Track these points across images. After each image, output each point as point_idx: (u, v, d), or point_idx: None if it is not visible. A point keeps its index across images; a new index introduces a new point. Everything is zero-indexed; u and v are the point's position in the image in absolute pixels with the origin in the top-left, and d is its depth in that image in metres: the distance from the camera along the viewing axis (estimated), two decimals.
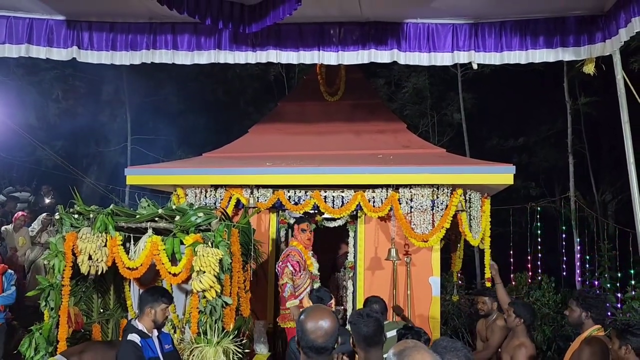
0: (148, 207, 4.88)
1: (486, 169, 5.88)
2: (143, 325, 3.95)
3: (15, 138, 10.96)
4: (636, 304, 7.20)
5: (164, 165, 7.01)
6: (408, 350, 1.92)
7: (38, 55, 4.78)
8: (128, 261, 4.65)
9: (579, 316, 3.87)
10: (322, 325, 2.30)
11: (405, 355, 1.90)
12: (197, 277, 4.43)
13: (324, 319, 2.32)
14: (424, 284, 6.07)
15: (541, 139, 13.87)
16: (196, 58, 4.72)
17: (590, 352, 3.53)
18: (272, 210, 6.33)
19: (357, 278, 6.14)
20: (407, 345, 1.95)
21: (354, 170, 5.90)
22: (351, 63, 4.68)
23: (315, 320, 2.31)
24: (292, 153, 6.62)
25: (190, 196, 6.31)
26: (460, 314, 9.04)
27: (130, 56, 4.73)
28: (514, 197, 13.00)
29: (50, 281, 4.75)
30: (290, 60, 4.72)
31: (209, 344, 4.26)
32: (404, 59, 4.57)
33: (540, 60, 4.50)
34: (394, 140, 6.84)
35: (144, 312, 3.98)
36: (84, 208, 4.88)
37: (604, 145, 14.43)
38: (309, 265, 5.72)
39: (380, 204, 5.95)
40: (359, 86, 7.29)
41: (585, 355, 3.53)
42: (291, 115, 7.18)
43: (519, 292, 9.10)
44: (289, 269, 5.57)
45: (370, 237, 6.19)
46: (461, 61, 4.55)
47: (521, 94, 14.05)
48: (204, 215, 4.63)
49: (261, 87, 16.19)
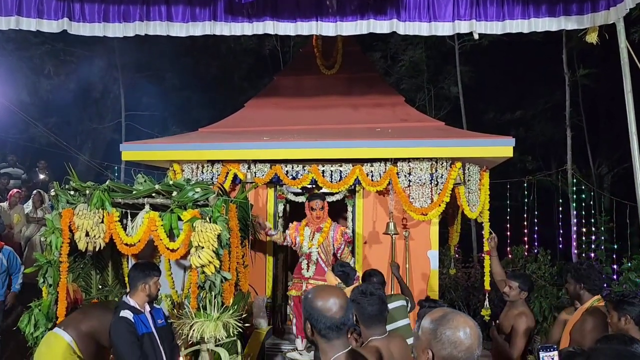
0: (145, 182, 4.83)
1: (486, 141, 5.84)
2: (135, 301, 3.92)
3: (7, 115, 10.80)
4: (632, 275, 7.24)
5: (160, 141, 6.93)
6: (450, 315, 1.89)
7: (28, 27, 4.63)
8: (126, 237, 4.62)
9: (575, 289, 3.88)
10: (335, 301, 2.23)
11: (449, 320, 1.87)
12: (195, 253, 4.41)
13: (334, 295, 2.26)
14: (423, 257, 6.08)
15: (538, 112, 13.81)
16: (191, 30, 4.60)
17: (593, 323, 3.51)
18: (270, 185, 6.28)
19: (356, 252, 6.13)
20: (446, 311, 1.92)
21: (352, 144, 5.84)
22: (350, 34, 4.57)
23: (326, 299, 2.24)
24: (289, 127, 6.55)
25: (187, 172, 6.25)
26: (457, 287, 9.11)
27: (124, 28, 4.60)
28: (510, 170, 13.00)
29: (48, 258, 4.72)
30: (288, 31, 4.61)
31: (208, 318, 4.26)
32: (404, 29, 4.47)
33: (542, 29, 4.40)
34: (392, 114, 6.77)
35: (137, 288, 3.93)
36: (79, 184, 4.82)
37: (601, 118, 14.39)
38: (300, 241, 5.70)
39: (378, 178, 5.91)
40: (356, 59, 7.19)
41: (589, 326, 3.51)
42: (288, 89, 7.09)
43: (515, 265, 9.16)
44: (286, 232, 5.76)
45: (368, 212, 6.17)
46: (462, 31, 4.45)
47: (519, 67, 13.93)
48: (202, 191, 4.58)
49: (256, 62, 15.98)
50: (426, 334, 1.90)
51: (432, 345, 1.88)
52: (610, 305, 3.37)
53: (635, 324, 3.23)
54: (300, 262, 5.70)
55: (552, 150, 14.14)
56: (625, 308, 3.25)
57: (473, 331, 1.86)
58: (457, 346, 1.83)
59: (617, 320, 3.28)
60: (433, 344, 1.87)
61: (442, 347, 1.85)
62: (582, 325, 3.59)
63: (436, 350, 1.86)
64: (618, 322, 3.28)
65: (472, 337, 1.85)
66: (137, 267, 4.05)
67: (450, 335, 1.84)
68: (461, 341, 1.83)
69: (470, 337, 1.84)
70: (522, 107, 13.81)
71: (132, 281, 3.96)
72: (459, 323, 1.86)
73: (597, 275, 3.89)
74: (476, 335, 1.86)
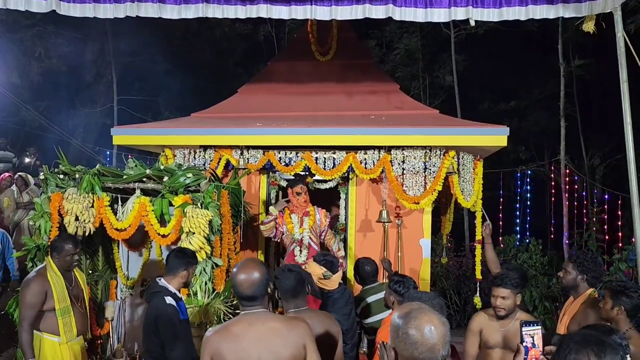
0: (135, 167, 4.78)
1: (480, 130, 5.81)
2: (173, 287, 3.68)
3: None
4: (623, 266, 7.29)
5: (151, 125, 6.85)
6: (414, 312, 1.84)
7: (16, 6, 4.52)
8: (116, 222, 4.58)
9: (574, 279, 3.80)
10: (249, 277, 2.62)
11: (412, 318, 1.82)
12: (186, 239, 4.38)
13: (252, 271, 2.65)
14: (415, 246, 6.07)
15: (533, 102, 13.82)
16: (183, 12, 4.51)
17: (596, 316, 3.44)
18: (263, 171, 6.24)
19: (348, 240, 6.12)
20: (412, 307, 1.87)
21: (346, 131, 5.79)
22: (345, 18, 4.49)
23: (243, 273, 2.64)
24: (283, 114, 6.49)
25: (179, 157, 6.19)
26: (448, 275, 9.15)
27: (114, 9, 4.50)
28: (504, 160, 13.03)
29: (37, 242, 4.68)
30: (282, 15, 4.52)
31: (199, 305, 4.24)
32: (400, 15, 4.40)
33: (540, 16, 4.35)
34: (386, 101, 6.72)
35: (177, 274, 3.69)
36: (69, 168, 4.77)
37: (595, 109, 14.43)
38: (289, 229, 5.67)
39: (372, 165, 5.88)
40: (351, 46, 7.11)
41: (592, 319, 3.44)
42: (281, 75, 7.01)
43: (507, 255, 9.21)
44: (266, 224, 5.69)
45: (361, 199, 6.15)
46: (458, 18, 4.39)
47: (514, 57, 13.91)
48: (193, 176, 4.55)
49: (250, 48, 15.85)
50: (391, 331, 1.86)
51: (395, 344, 1.84)
52: (608, 292, 3.34)
53: (627, 316, 3.22)
54: (292, 249, 5.67)
55: (546, 141, 14.17)
56: (623, 299, 3.23)
57: (438, 330, 1.79)
58: (418, 347, 1.77)
59: (610, 308, 3.27)
60: (396, 343, 1.83)
61: (405, 347, 1.80)
62: (585, 319, 3.53)
63: (399, 349, 1.83)
64: (610, 310, 3.27)
65: (436, 336, 1.78)
66: (180, 252, 3.83)
67: (412, 334, 1.79)
68: (423, 341, 1.77)
69: (434, 337, 1.78)
70: (516, 97, 13.80)
71: (173, 266, 3.71)
72: (422, 322, 1.80)
73: (599, 267, 3.83)
74: (441, 334, 1.79)
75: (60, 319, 4.07)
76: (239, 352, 2.55)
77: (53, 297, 4.04)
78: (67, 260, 4.16)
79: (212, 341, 2.60)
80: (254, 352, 2.55)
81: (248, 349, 2.56)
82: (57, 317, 4.07)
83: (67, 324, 4.11)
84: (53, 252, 4.17)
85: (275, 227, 5.69)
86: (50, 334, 4.08)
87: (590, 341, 1.78)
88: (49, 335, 4.08)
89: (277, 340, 2.59)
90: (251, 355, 2.55)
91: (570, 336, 1.87)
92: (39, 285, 4.02)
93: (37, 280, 4.05)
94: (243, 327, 2.61)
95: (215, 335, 2.62)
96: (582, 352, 1.75)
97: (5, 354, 6.04)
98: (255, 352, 2.55)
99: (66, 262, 4.16)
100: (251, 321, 2.62)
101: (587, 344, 1.77)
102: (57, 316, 4.07)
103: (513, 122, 13.19)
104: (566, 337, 1.90)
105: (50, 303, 4.04)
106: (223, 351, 2.55)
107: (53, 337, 4.08)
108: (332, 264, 4.08)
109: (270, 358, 2.57)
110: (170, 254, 3.81)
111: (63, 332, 4.09)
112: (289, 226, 5.66)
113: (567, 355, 1.78)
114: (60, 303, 4.07)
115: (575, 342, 1.80)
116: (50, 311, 4.05)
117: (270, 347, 2.57)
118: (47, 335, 4.07)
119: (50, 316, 4.06)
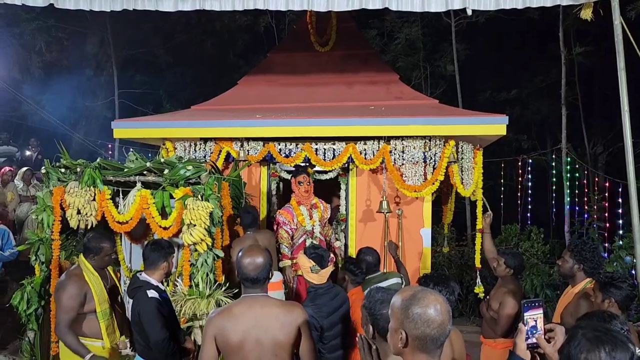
0: (136, 160, 4.81)
1: (479, 119, 5.81)
2: (155, 280, 3.68)
3: None
4: (623, 253, 7.30)
5: (152, 118, 6.88)
6: (419, 293, 1.90)
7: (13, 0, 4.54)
8: (118, 215, 4.62)
9: (571, 268, 3.82)
10: (253, 260, 2.84)
11: (419, 298, 1.88)
12: (187, 231, 4.42)
13: (257, 255, 2.87)
14: (415, 235, 6.10)
15: (534, 90, 13.74)
16: (180, 5, 4.51)
17: (589, 308, 3.40)
18: (263, 163, 6.26)
19: (349, 230, 6.15)
20: (415, 289, 1.93)
21: (346, 122, 5.81)
22: (341, 9, 4.48)
23: (249, 257, 2.86)
24: (283, 105, 6.51)
25: (180, 149, 6.22)
26: (450, 265, 9.18)
27: (111, 2, 4.51)
28: (506, 149, 13.02)
29: (40, 235, 4.72)
30: (279, 6, 4.53)
31: (201, 296, 4.29)
32: (396, 5, 4.39)
33: (537, 4, 4.34)
34: (386, 92, 6.72)
35: (158, 267, 3.69)
36: (70, 162, 4.80)
37: (596, 97, 14.36)
38: (300, 221, 5.70)
39: (372, 156, 5.90)
40: (351, 36, 7.10)
41: (583, 311, 3.37)
42: (281, 66, 7.01)
43: (508, 243, 9.22)
44: (280, 233, 5.69)
45: (361, 190, 6.17)
46: (455, 7, 4.37)
47: (515, 45, 13.83)
48: (193, 169, 4.58)
49: (251, 39, 15.79)
50: (397, 314, 1.91)
51: (404, 325, 1.88)
52: (597, 286, 3.33)
53: (618, 307, 3.19)
54: (302, 241, 5.68)
55: (547, 129, 14.13)
56: (611, 291, 3.22)
57: (443, 307, 1.88)
58: (430, 324, 1.85)
59: (601, 302, 3.25)
60: (405, 324, 1.88)
61: (415, 326, 1.86)
62: (576, 309, 3.52)
63: (409, 329, 1.87)
64: (601, 304, 3.24)
65: (442, 313, 1.86)
66: (156, 245, 3.79)
67: (421, 313, 1.85)
68: (433, 318, 1.85)
69: (441, 314, 1.86)
70: (518, 86, 13.74)
71: (152, 260, 3.69)
72: (429, 301, 1.88)
73: (598, 258, 3.81)
74: (446, 311, 1.88)
75: (102, 322, 3.92)
76: (239, 332, 2.78)
77: (93, 299, 3.88)
78: (105, 260, 4.04)
79: (215, 321, 2.82)
80: (253, 332, 2.79)
81: (248, 329, 2.79)
82: (98, 319, 3.91)
83: (109, 327, 3.97)
84: (89, 254, 3.98)
85: (288, 231, 5.71)
86: (92, 338, 3.91)
87: (602, 340, 1.77)
88: (92, 340, 3.90)
89: (274, 323, 2.81)
90: (250, 334, 2.78)
91: (582, 331, 1.84)
92: (76, 287, 3.84)
93: (73, 281, 3.87)
94: (243, 309, 2.84)
95: (218, 316, 2.84)
96: (593, 352, 1.76)
97: (10, 346, 6.12)
98: (254, 332, 2.79)
99: (104, 262, 4.04)
100: (251, 303, 2.86)
101: (599, 343, 1.76)
102: (98, 319, 3.91)
103: (515, 111, 13.17)
104: (576, 331, 1.87)
105: (90, 305, 3.88)
106: (225, 330, 2.78)
107: (95, 342, 3.91)
108: (322, 257, 3.77)
109: (267, 339, 2.79)
110: (146, 248, 3.78)
111: (106, 335, 3.94)
112: (300, 218, 5.69)
113: (579, 354, 1.78)
114: (102, 305, 3.92)
115: (587, 339, 1.79)
116: (90, 313, 3.89)
117: (267, 329, 2.79)
118: (89, 340, 3.88)
119: (91, 318, 3.90)
